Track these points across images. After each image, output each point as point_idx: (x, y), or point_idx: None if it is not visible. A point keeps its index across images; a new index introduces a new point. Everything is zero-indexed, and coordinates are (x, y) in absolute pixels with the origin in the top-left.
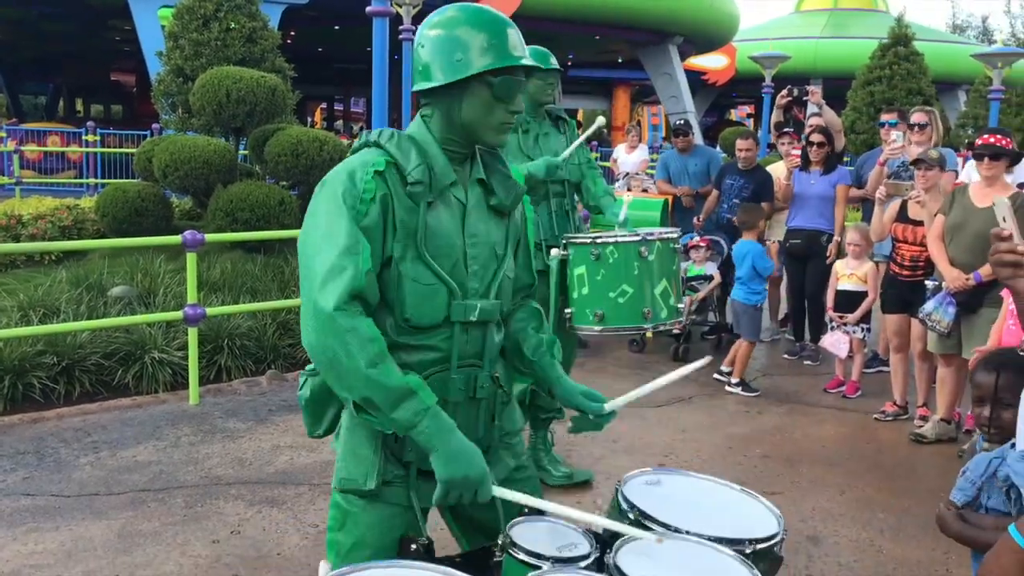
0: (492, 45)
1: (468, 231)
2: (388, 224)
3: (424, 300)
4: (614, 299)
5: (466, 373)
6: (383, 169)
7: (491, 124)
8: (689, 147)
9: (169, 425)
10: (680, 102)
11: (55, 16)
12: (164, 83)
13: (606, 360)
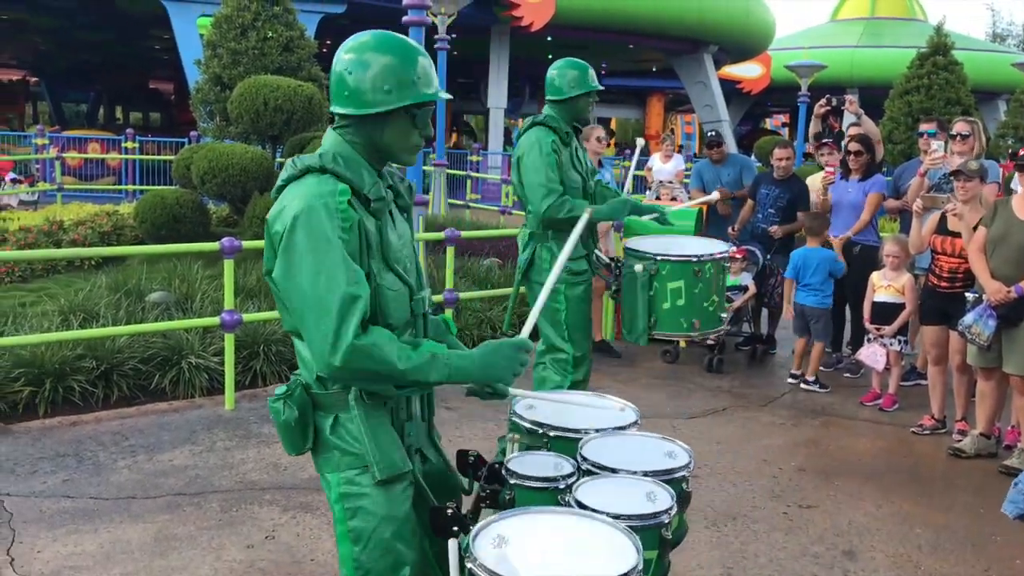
0: (417, 79)
1: (398, 233)
2: (363, 245)
3: (398, 304)
4: (707, 308)
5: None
6: (347, 194)
7: (407, 147)
8: (723, 158)
9: (205, 430)
10: (714, 111)
11: (96, 26)
12: (202, 91)
13: (639, 370)
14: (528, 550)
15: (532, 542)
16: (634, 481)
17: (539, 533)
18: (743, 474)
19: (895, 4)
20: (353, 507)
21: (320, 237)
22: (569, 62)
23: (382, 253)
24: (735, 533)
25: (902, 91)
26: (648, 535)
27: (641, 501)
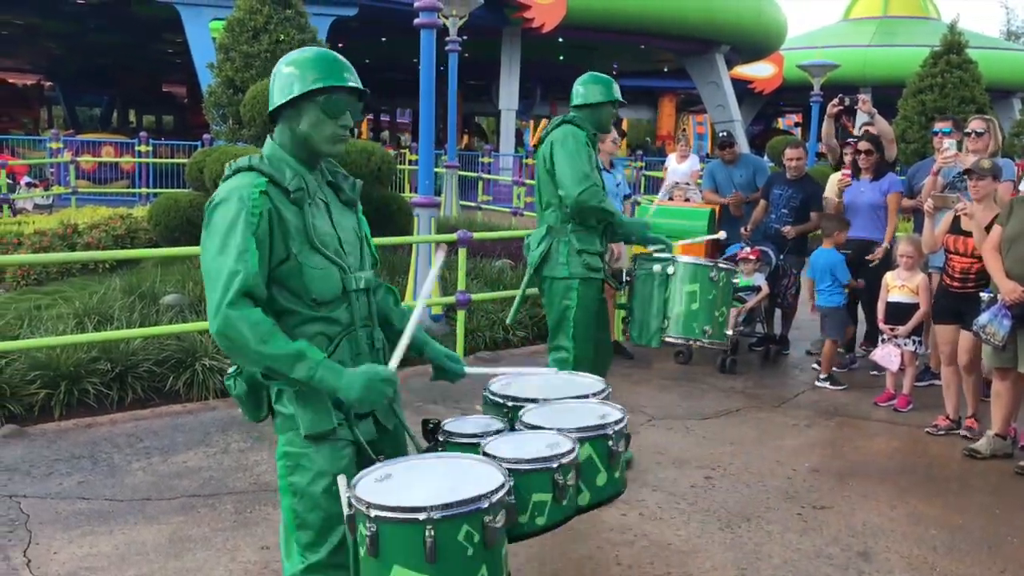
0: (319, 71)
1: (336, 222)
2: (276, 231)
3: (323, 280)
4: (717, 318)
5: (366, 331)
6: (265, 188)
7: (325, 136)
8: (735, 158)
9: (219, 431)
10: (726, 111)
11: (110, 30)
12: (215, 94)
13: (651, 371)
14: (406, 483)
15: (411, 476)
16: (545, 434)
17: (421, 471)
18: (757, 475)
19: (908, 3)
20: (292, 464)
21: (227, 222)
22: (595, 76)
23: (306, 236)
24: (749, 534)
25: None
26: (538, 478)
27: (539, 449)
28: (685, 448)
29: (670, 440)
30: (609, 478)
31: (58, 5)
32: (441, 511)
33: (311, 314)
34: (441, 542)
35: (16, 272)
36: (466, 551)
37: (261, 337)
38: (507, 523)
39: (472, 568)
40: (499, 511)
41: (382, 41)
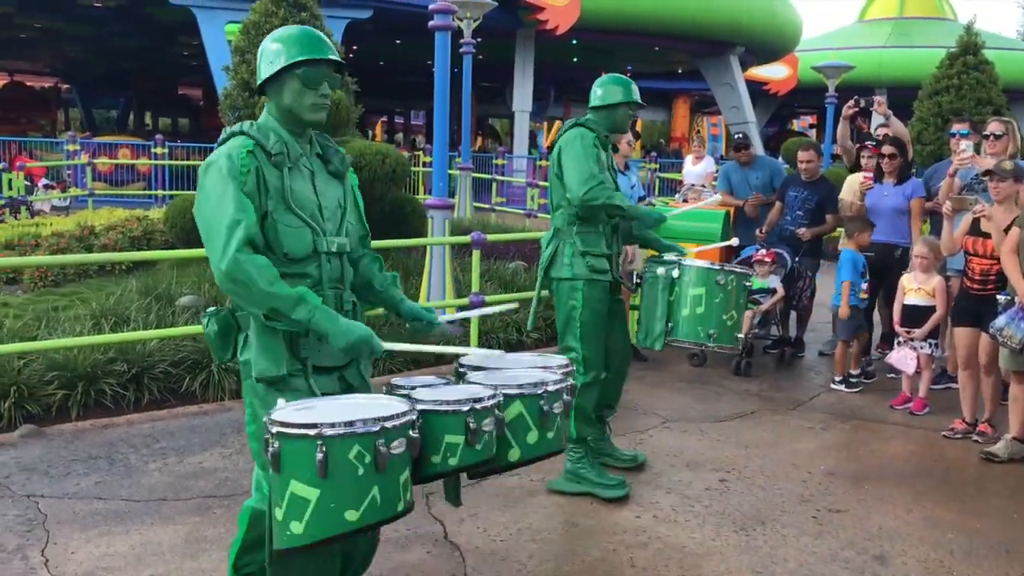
0: (297, 46)
1: (318, 189)
2: (261, 188)
3: (295, 238)
4: (725, 321)
5: (334, 293)
6: (252, 149)
7: (305, 105)
8: (750, 160)
9: (234, 432)
10: (741, 112)
11: (126, 33)
12: (231, 97)
13: (666, 374)
14: (321, 411)
15: (330, 407)
16: (474, 387)
17: (341, 404)
18: (772, 478)
19: (924, 3)
20: (251, 413)
21: (221, 179)
22: (614, 77)
23: (282, 197)
24: (764, 537)
25: (932, 91)
26: (451, 419)
27: (458, 395)
28: (699, 451)
29: (684, 443)
30: (541, 437)
31: (77, 9)
32: (330, 428)
33: (282, 268)
34: (332, 459)
35: (34, 273)
36: (356, 470)
37: (268, 279)
38: (407, 453)
39: (363, 488)
40: (395, 438)
41: (396, 43)
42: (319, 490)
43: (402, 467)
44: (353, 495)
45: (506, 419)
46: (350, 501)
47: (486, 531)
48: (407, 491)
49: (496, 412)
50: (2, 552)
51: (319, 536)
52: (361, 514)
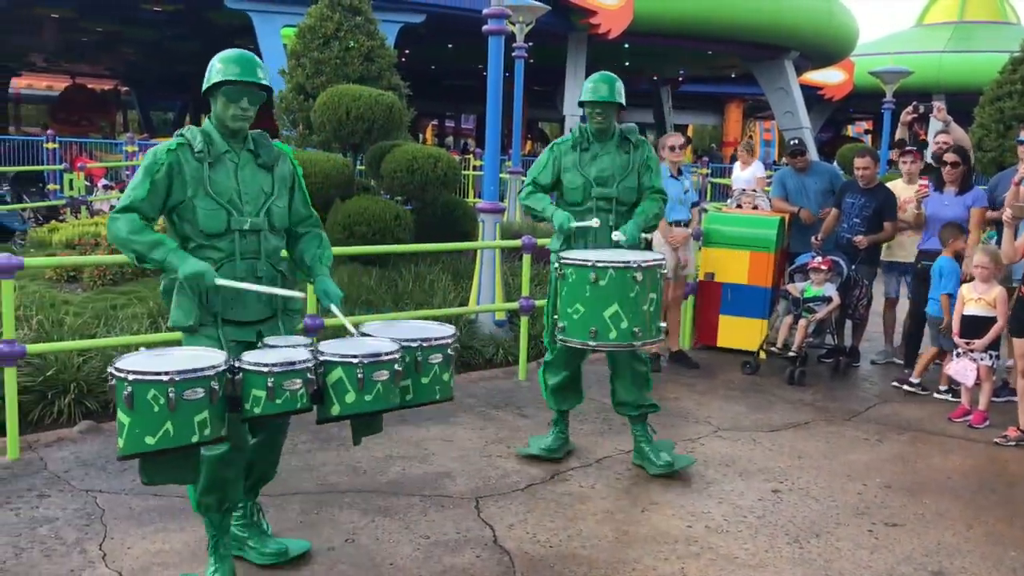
0: (227, 68)
1: (240, 179)
2: (176, 179)
3: (210, 218)
4: (570, 315)
5: (248, 263)
6: (175, 147)
7: (228, 115)
8: (806, 166)
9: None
10: (795, 118)
11: (184, 37)
12: (286, 100)
13: (716, 382)
14: (165, 361)
15: (178, 356)
16: (297, 351)
17: (185, 355)
18: (827, 490)
19: (985, 7)
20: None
21: (143, 166)
22: (595, 75)
23: (201, 185)
24: (819, 550)
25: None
26: (255, 378)
27: (276, 358)
28: (752, 460)
29: (736, 452)
30: (358, 399)
31: (137, 13)
32: (133, 374)
33: (201, 242)
34: (136, 397)
35: (93, 272)
36: (152, 408)
37: (132, 230)
38: (205, 399)
39: (159, 420)
40: (187, 387)
41: (448, 47)
42: (129, 418)
43: (197, 409)
44: (150, 425)
45: (329, 382)
46: (148, 429)
47: (535, 536)
48: (205, 427)
49: (308, 375)
50: (62, 545)
51: (130, 451)
52: (157, 440)
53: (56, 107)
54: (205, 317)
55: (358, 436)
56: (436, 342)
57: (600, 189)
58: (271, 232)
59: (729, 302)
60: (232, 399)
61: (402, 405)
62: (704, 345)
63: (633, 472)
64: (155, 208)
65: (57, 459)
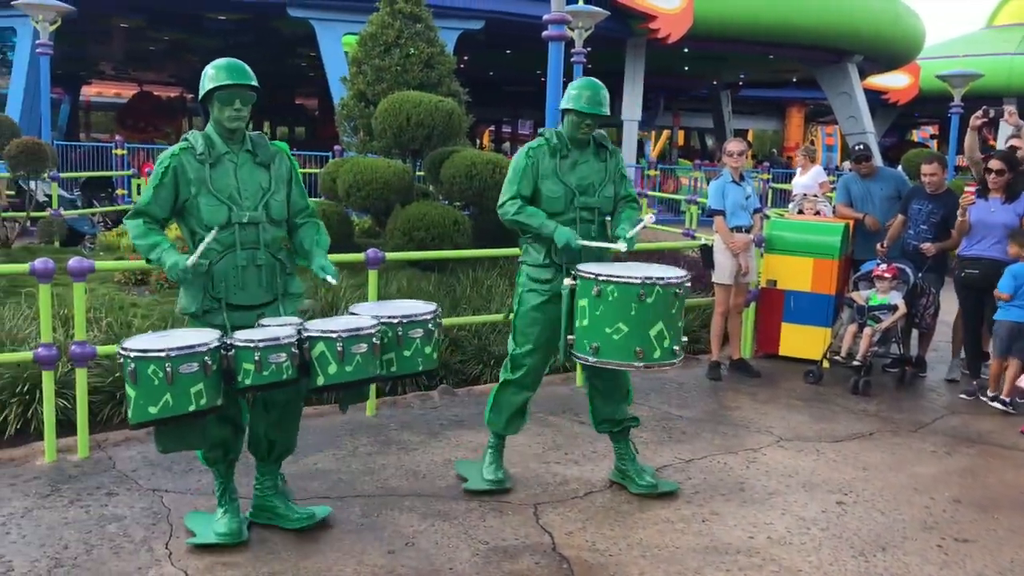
0: (219, 74)
1: (239, 177)
2: (181, 179)
3: (213, 212)
4: (610, 335)
5: (248, 252)
6: (178, 152)
7: (224, 118)
8: (872, 172)
9: (348, 435)
10: (859, 122)
11: (248, 45)
12: (347, 107)
13: (779, 391)
14: (165, 340)
15: (179, 336)
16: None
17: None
18: (892, 503)
19: None
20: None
21: (155, 172)
22: (580, 80)
23: (203, 183)
24: (884, 564)
25: None
26: (245, 353)
27: (267, 335)
28: (815, 471)
29: (799, 462)
30: (339, 370)
31: (203, 22)
32: (136, 353)
33: (206, 235)
34: (138, 372)
35: (159, 276)
36: (153, 381)
37: (137, 234)
38: (199, 373)
39: (159, 392)
40: (183, 362)
41: (506, 53)
42: (134, 391)
43: (193, 381)
44: (152, 397)
45: (314, 355)
46: (150, 400)
47: (595, 544)
48: (201, 398)
49: (292, 349)
50: (130, 543)
51: (137, 420)
52: (159, 409)
53: (123, 114)
54: (210, 303)
55: (345, 404)
56: (415, 318)
57: (583, 198)
58: (270, 224)
59: (792, 310)
60: (227, 373)
61: (387, 376)
62: (765, 354)
63: (695, 481)
64: (164, 209)
65: (125, 458)
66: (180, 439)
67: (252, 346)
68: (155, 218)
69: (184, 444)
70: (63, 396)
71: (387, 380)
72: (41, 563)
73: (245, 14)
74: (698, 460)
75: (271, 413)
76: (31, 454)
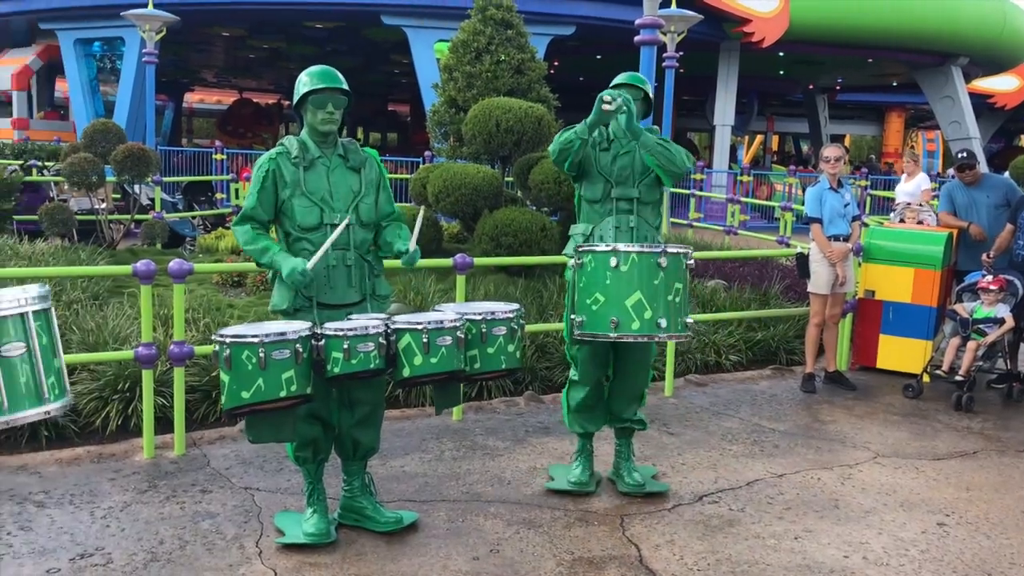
0: (312, 80)
1: (332, 180)
2: (279, 182)
3: (306, 214)
4: (589, 306)
5: (339, 253)
6: (275, 156)
7: (317, 121)
8: (976, 179)
9: (434, 439)
10: (962, 128)
11: (343, 52)
12: (438, 113)
13: (877, 405)
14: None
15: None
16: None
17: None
18: (999, 526)
19: None
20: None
21: (253, 178)
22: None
23: (298, 186)
24: None
25: None
26: (335, 342)
27: (354, 327)
28: (915, 490)
29: (898, 480)
30: (425, 361)
31: (301, 30)
32: (231, 338)
33: (299, 235)
34: (233, 357)
35: (255, 278)
36: (246, 366)
37: (246, 240)
38: (290, 359)
39: (252, 377)
40: (274, 349)
41: (597, 59)
42: (228, 376)
43: (285, 368)
44: (245, 382)
45: (400, 347)
46: (243, 385)
47: (683, 559)
48: (292, 384)
49: (379, 340)
50: (222, 540)
51: (231, 405)
52: (251, 394)
53: (224, 119)
54: (302, 302)
55: (440, 407)
56: (499, 315)
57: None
58: (359, 226)
59: (890, 321)
60: (317, 364)
61: (471, 373)
62: (862, 366)
63: (787, 497)
64: (267, 211)
65: (219, 456)
66: (270, 429)
67: (341, 335)
68: (261, 222)
69: (274, 434)
70: (161, 394)
71: (472, 379)
72: (138, 556)
73: (340, 22)
74: (790, 475)
75: (356, 412)
76: (131, 450)
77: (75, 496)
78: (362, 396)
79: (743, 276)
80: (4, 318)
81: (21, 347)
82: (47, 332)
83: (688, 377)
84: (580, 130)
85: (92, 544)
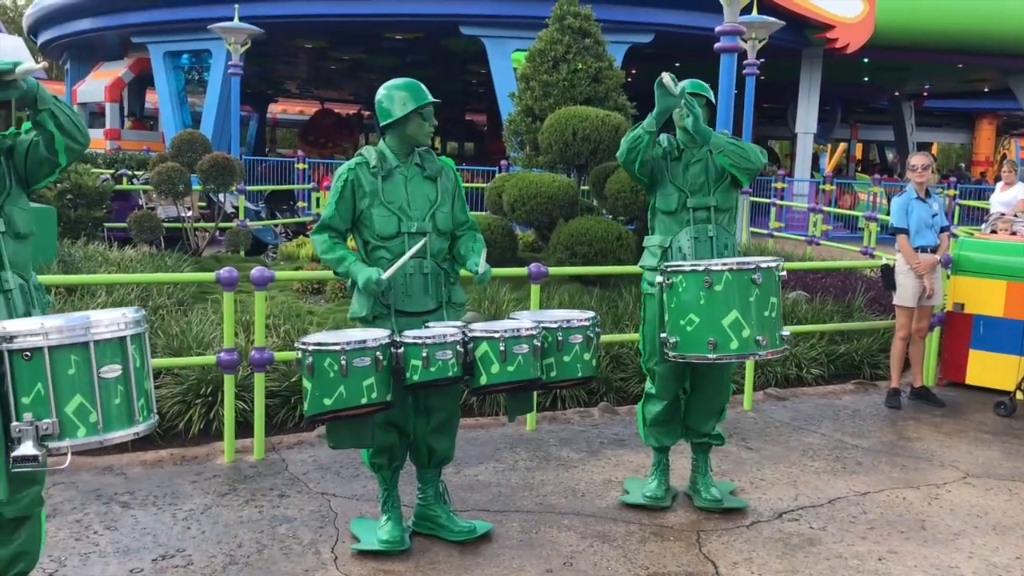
0: (417, 93)
1: (409, 190)
2: (357, 191)
3: (384, 223)
4: (683, 327)
5: (416, 261)
6: (354, 166)
7: (422, 133)
8: None
9: (508, 448)
10: None
11: (422, 63)
12: (514, 123)
13: (966, 423)
14: (335, 336)
15: (349, 335)
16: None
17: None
18: None
19: None
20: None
21: (332, 188)
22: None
23: (377, 195)
24: None
25: None
26: (414, 349)
27: (432, 335)
28: (1008, 513)
29: (989, 502)
30: (502, 369)
31: (381, 42)
32: (314, 346)
33: (377, 243)
34: (315, 365)
35: (335, 286)
36: (328, 374)
37: (324, 249)
38: (371, 367)
39: (334, 384)
40: (356, 356)
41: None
42: (311, 383)
43: (366, 375)
44: (327, 388)
45: (477, 356)
46: (326, 392)
47: None
48: (372, 392)
49: (457, 348)
50: (299, 544)
51: (313, 411)
52: (333, 401)
53: (306, 130)
54: (380, 309)
55: (512, 414)
56: (575, 323)
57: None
58: (436, 234)
59: (981, 336)
60: (396, 372)
61: (547, 381)
62: (950, 382)
63: (871, 516)
64: (345, 221)
65: (297, 461)
66: (350, 435)
67: (420, 343)
68: (338, 231)
69: (353, 441)
70: (242, 398)
71: (548, 387)
72: (217, 559)
73: (419, 33)
74: (874, 493)
75: (432, 419)
76: (212, 453)
77: (158, 498)
78: (438, 403)
79: (825, 287)
80: (103, 341)
81: (117, 369)
82: (140, 355)
83: (768, 391)
84: (647, 124)
85: (174, 545)
